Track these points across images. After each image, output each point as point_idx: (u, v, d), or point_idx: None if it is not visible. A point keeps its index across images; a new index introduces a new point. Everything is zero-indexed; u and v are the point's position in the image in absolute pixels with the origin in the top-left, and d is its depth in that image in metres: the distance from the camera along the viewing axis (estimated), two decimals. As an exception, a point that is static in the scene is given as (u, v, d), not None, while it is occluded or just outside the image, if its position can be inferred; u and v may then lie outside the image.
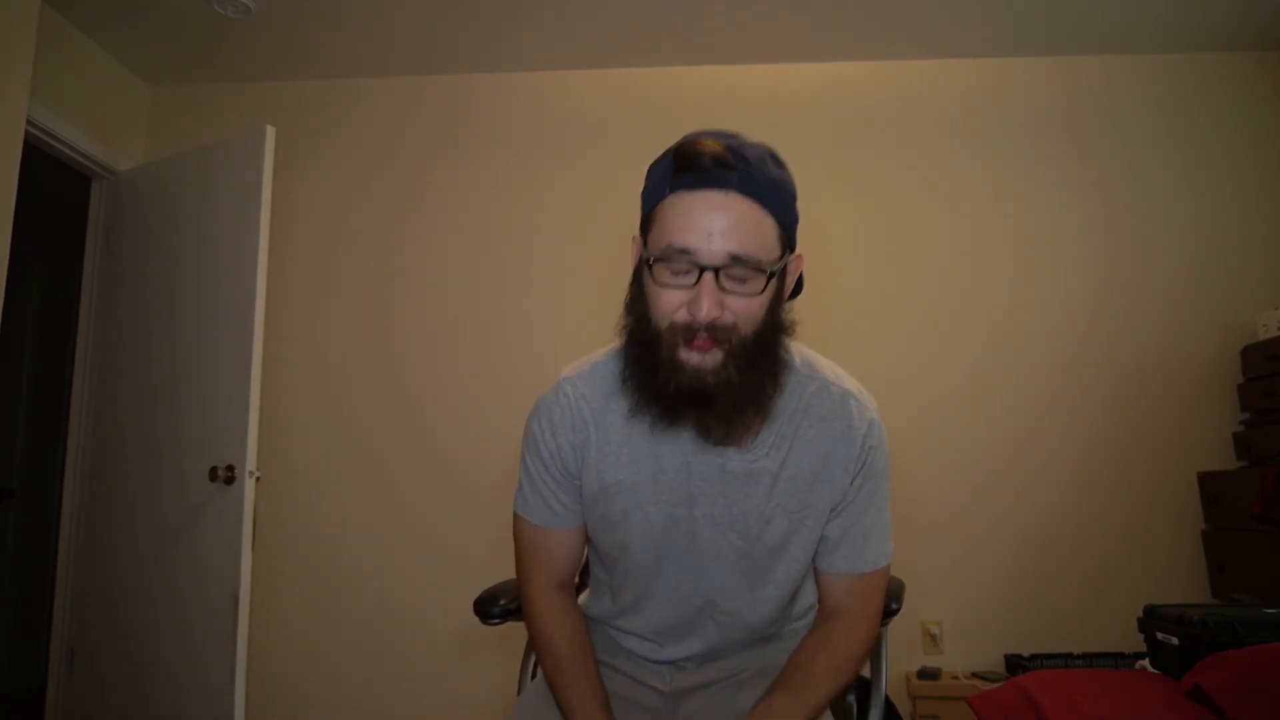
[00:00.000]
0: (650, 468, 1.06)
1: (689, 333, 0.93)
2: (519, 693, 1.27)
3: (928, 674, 2.67)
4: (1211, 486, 2.74)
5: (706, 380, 0.93)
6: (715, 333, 0.92)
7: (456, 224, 3.16)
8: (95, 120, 3.01)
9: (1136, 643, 2.21)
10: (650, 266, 0.95)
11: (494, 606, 1.24)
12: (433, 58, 3.15)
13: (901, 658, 2.75)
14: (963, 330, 2.96)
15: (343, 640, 2.93)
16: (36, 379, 4.01)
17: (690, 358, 0.93)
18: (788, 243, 0.98)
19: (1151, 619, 2.02)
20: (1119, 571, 2.80)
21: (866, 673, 1.20)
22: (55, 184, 3.42)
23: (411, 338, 3.10)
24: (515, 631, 1.26)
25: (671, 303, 0.94)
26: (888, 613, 1.19)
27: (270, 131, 2.67)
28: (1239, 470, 2.69)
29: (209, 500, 2.55)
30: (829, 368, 1.11)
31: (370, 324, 3.12)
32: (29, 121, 2.54)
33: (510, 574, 1.33)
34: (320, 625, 2.94)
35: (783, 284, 0.99)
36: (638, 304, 0.99)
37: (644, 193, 1.00)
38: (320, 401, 3.08)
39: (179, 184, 2.89)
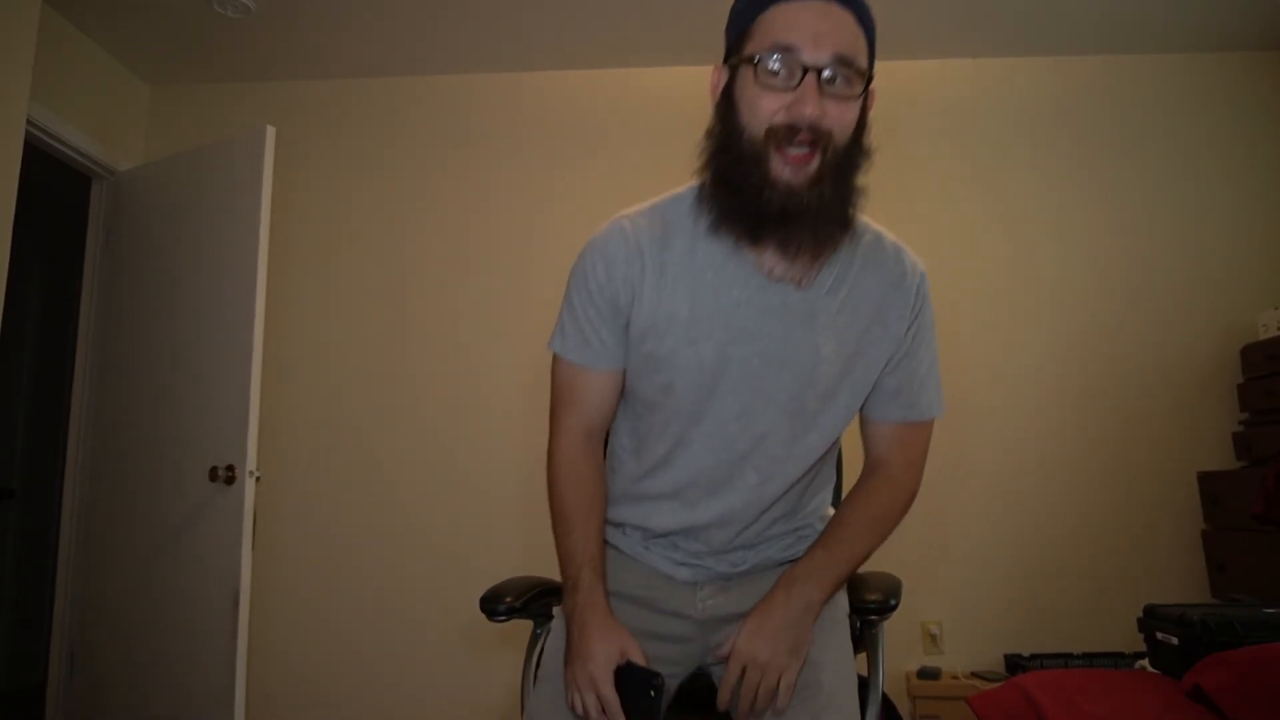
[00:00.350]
0: (707, 303, 1.04)
1: (790, 134, 0.92)
2: (522, 692, 1.27)
3: (927, 674, 2.67)
4: (1211, 486, 2.74)
5: (801, 194, 0.94)
6: (816, 135, 0.93)
7: (456, 223, 3.16)
8: (95, 120, 3.01)
9: (1136, 643, 2.21)
10: (754, 65, 0.94)
11: (500, 604, 1.24)
12: (433, 57, 3.15)
13: (901, 658, 2.75)
14: (962, 330, 2.96)
15: (343, 640, 2.93)
16: (36, 379, 4.01)
17: (784, 172, 0.94)
18: (871, 66, 0.99)
19: (1151, 619, 2.02)
20: (1119, 571, 2.79)
21: (864, 672, 1.20)
22: (55, 184, 3.42)
23: (412, 337, 3.10)
24: (517, 631, 1.26)
25: (770, 105, 0.93)
26: (886, 609, 1.19)
27: (270, 131, 2.67)
28: (1239, 470, 2.69)
29: (209, 500, 2.55)
30: (878, 225, 1.14)
31: (370, 323, 3.12)
32: (29, 121, 2.54)
33: (511, 574, 1.33)
34: (320, 625, 2.94)
35: (867, 105, 1.00)
36: (728, 118, 0.98)
37: (732, 15, 1.01)
38: (320, 401, 3.08)
39: (179, 184, 2.89)
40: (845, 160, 0.97)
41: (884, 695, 1.23)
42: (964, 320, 2.97)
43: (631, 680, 0.99)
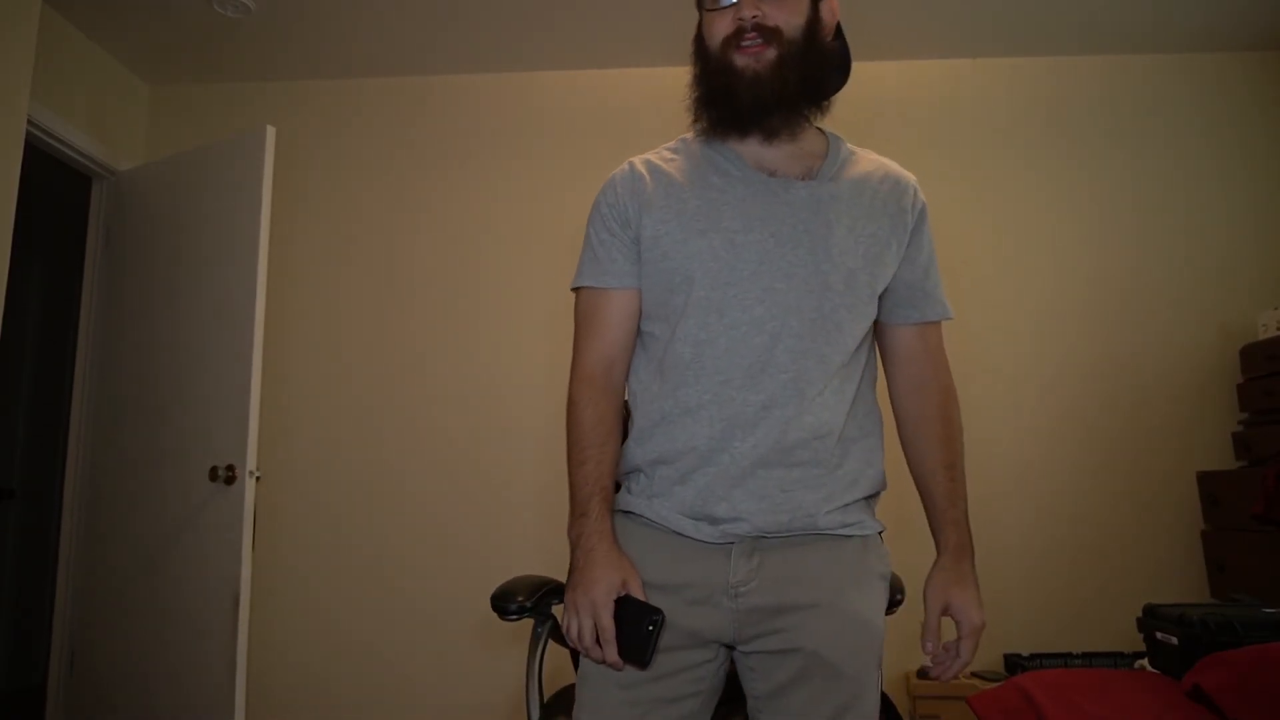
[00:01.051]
0: (714, 199, 1.12)
1: (738, 35, 1.09)
2: (526, 691, 1.28)
3: (927, 674, 2.67)
4: (1211, 486, 2.74)
5: (764, 83, 1.08)
6: (762, 33, 1.08)
7: (457, 223, 3.16)
8: (95, 120, 3.01)
9: (1136, 643, 2.21)
10: (700, 9, 1.14)
11: (511, 603, 1.24)
12: (434, 57, 3.15)
13: (901, 658, 2.75)
14: (960, 331, 2.96)
15: (343, 639, 2.93)
16: (36, 379, 4.01)
17: (745, 62, 1.08)
18: None
19: (1151, 619, 2.02)
20: (1119, 571, 2.79)
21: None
22: (55, 184, 3.42)
23: (412, 336, 3.10)
24: (518, 630, 1.26)
25: (720, 24, 1.11)
26: (893, 604, 1.21)
27: (270, 131, 2.67)
28: (1239, 470, 2.69)
29: (209, 500, 2.55)
30: None
31: (370, 323, 3.12)
32: (29, 121, 2.54)
33: (515, 572, 1.33)
34: (320, 625, 2.94)
35: (819, 8, 1.13)
36: (700, 51, 1.14)
37: None
38: (320, 401, 3.08)
39: (179, 184, 2.89)
40: (805, 52, 1.10)
41: (884, 695, 1.23)
42: (962, 321, 2.97)
43: (630, 612, 0.99)
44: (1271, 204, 3.00)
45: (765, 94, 1.08)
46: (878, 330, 1.22)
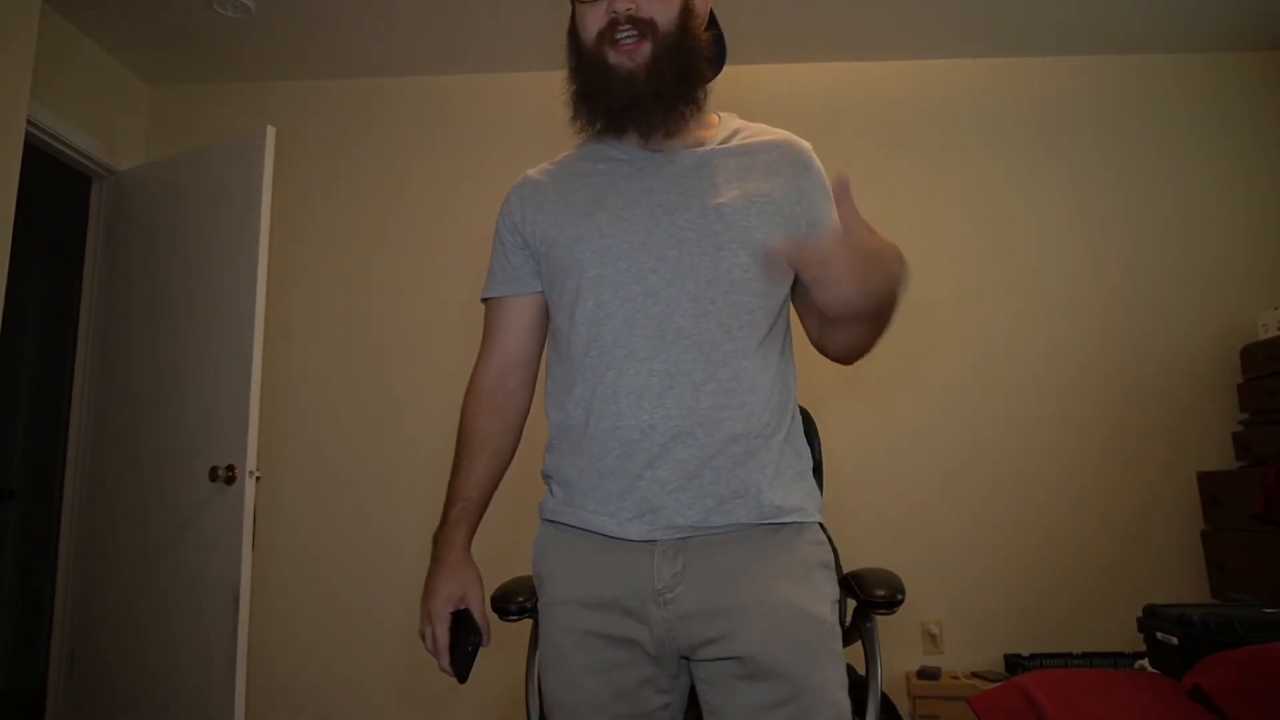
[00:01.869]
0: (600, 184, 1.11)
1: (612, 28, 1.05)
2: (526, 689, 1.28)
3: (927, 674, 2.67)
4: (1211, 486, 2.74)
5: (640, 81, 1.05)
6: (636, 25, 1.05)
7: (458, 223, 3.16)
8: (95, 120, 3.01)
9: (1136, 643, 2.21)
10: (573, 5, 1.10)
11: (511, 604, 1.25)
12: (434, 57, 3.15)
13: (901, 658, 2.75)
14: (960, 331, 2.96)
15: (343, 639, 2.93)
16: (36, 379, 4.01)
17: (620, 61, 1.06)
18: None
19: (1151, 619, 2.02)
20: (1119, 571, 2.79)
21: (862, 671, 1.20)
22: (55, 184, 3.42)
23: (411, 336, 3.10)
24: (518, 628, 1.26)
25: (592, 16, 1.07)
26: (892, 603, 1.19)
27: (270, 132, 2.67)
28: (1239, 470, 2.69)
29: (209, 500, 2.55)
30: None
31: (370, 323, 3.12)
32: (29, 122, 2.54)
33: (517, 572, 1.33)
34: (321, 624, 2.94)
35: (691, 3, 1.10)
36: (573, 46, 1.11)
37: None
38: (320, 401, 3.08)
39: (179, 184, 2.89)
40: (680, 46, 1.07)
41: (883, 695, 1.22)
42: (962, 322, 2.97)
43: (460, 629, 1.06)
44: (1273, 204, 3.00)
45: (641, 92, 1.05)
46: (800, 306, 1.13)
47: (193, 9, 2.81)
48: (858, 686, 1.20)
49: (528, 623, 1.29)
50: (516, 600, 1.25)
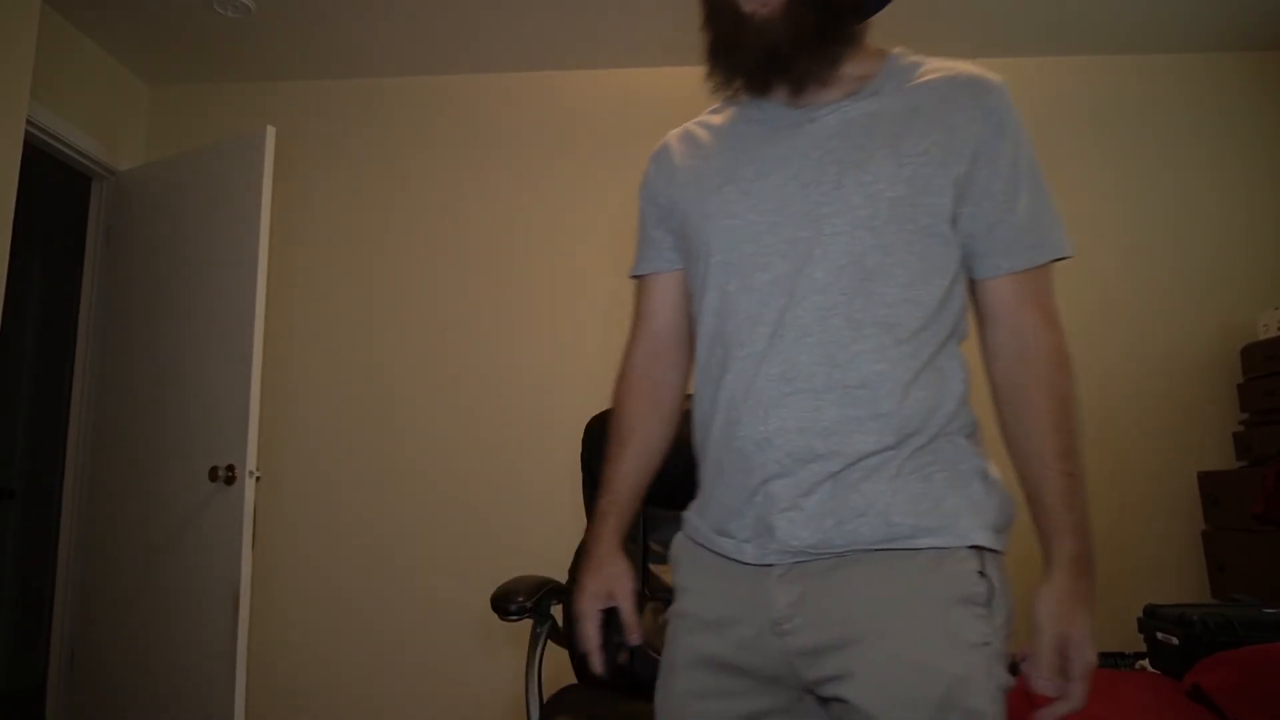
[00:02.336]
0: (735, 149, 0.99)
1: None
2: (526, 690, 1.28)
3: None
4: (1211, 486, 2.74)
5: (776, 25, 0.90)
6: None
7: (458, 223, 3.16)
8: (95, 120, 3.01)
9: (1136, 643, 2.21)
10: None
11: (512, 603, 1.25)
12: (435, 58, 3.15)
13: (901, 658, 2.75)
14: (963, 330, 2.97)
15: (343, 639, 2.93)
16: (36, 379, 4.01)
17: (754, 8, 0.91)
18: None
19: (1151, 619, 2.02)
20: (1119, 571, 2.79)
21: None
22: (55, 184, 3.42)
23: (410, 337, 3.10)
24: (518, 630, 1.26)
25: None
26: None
27: (270, 132, 2.67)
28: (1239, 470, 2.69)
29: (209, 500, 2.55)
30: None
31: (370, 323, 3.12)
32: (29, 121, 2.54)
33: (515, 573, 1.33)
34: (321, 625, 2.94)
35: None
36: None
37: None
38: (321, 401, 3.08)
39: (179, 184, 2.89)
40: None
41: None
42: (964, 320, 2.97)
43: (610, 626, 1.04)
44: (1273, 204, 3.00)
45: (779, 40, 0.90)
46: (971, 289, 0.98)
47: (193, 9, 2.80)
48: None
49: (528, 623, 1.29)
50: (516, 600, 1.25)
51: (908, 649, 0.82)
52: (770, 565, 0.88)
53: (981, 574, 0.86)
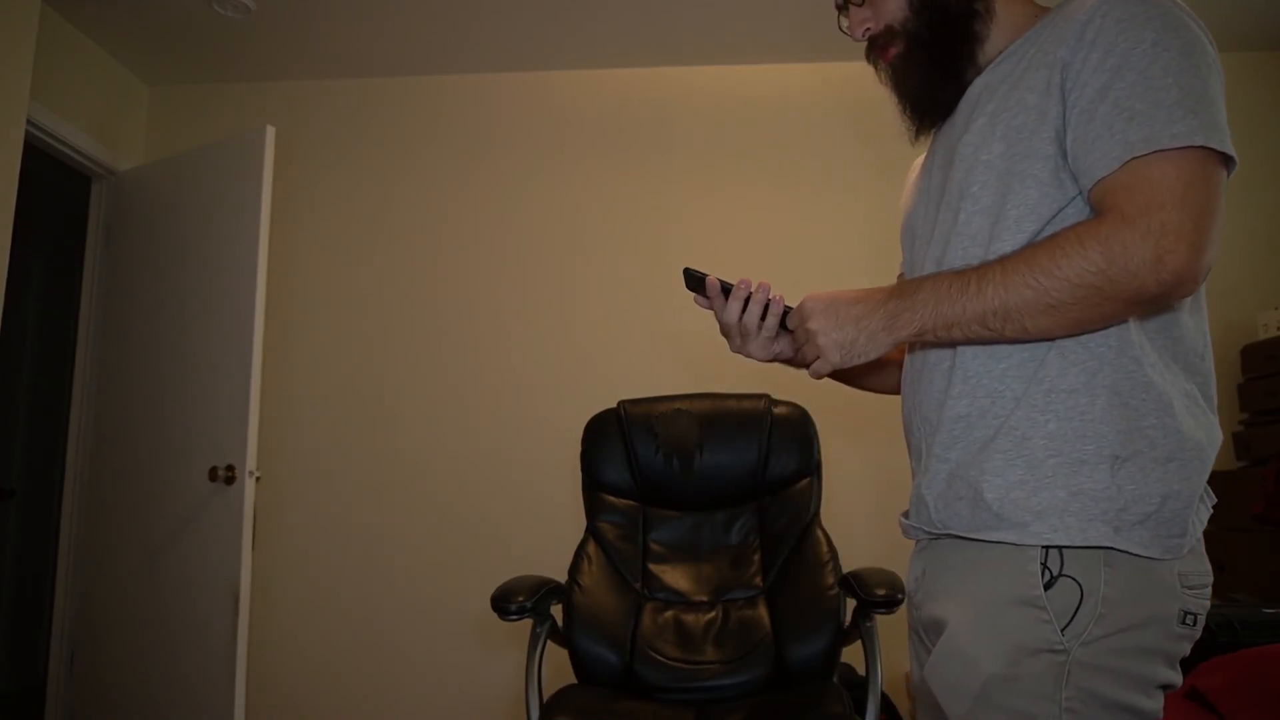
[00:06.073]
0: (933, 149, 1.07)
1: (869, 50, 1.04)
2: (526, 690, 1.27)
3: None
4: (1211, 487, 2.74)
5: (904, 75, 1.00)
6: (879, 40, 1.01)
7: (457, 222, 3.16)
8: (95, 120, 3.01)
9: (1136, 643, 2.20)
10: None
11: (512, 603, 1.25)
12: (435, 58, 3.15)
13: (901, 658, 2.74)
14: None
15: (342, 639, 2.93)
16: (36, 379, 4.01)
17: (884, 67, 1.03)
18: None
19: (1151, 619, 2.01)
20: (1119, 571, 2.79)
21: (862, 671, 1.20)
22: (55, 184, 3.43)
23: (410, 336, 3.10)
24: (520, 628, 1.26)
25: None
26: (892, 602, 1.17)
27: (270, 132, 2.67)
28: (1239, 470, 2.69)
29: (209, 500, 2.55)
30: None
31: (370, 323, 3.12)
32: (29, 121, 2.54)
33: (515, 573, 1.33)
34: (321, 624, 2.94)
35: None
36: None
37: None
38: (320, 401, 3.08)
39: (179, 184, 2.89)
40: (921, 23, 0.97)
41: (883, 695, 1.23)
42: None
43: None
44: (1273, 204, 3.00)
45: (914, 87, 1.00)
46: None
47: (193, 9, 2.80)
48: (858, 687, 1.20)
49: (528, 623, 1.29)
50: (516, 600, 1.25)
51: (957, 639, 0.83)
52: (917, 541, 0.97)
53: (1055, 575, 0.80)
